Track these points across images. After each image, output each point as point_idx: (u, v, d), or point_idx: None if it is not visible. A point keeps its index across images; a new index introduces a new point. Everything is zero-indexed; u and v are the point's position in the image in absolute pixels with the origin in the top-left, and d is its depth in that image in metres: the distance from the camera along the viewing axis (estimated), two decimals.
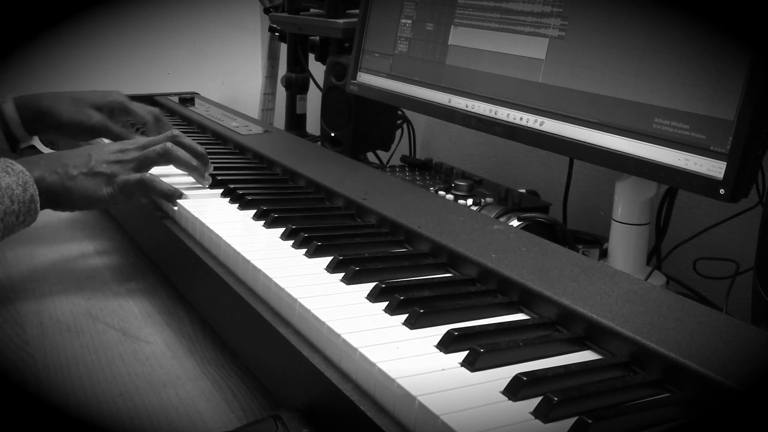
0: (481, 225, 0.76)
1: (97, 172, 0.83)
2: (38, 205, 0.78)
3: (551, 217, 0.91)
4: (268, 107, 1.95)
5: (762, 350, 0.52)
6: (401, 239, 0.76)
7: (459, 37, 1.00)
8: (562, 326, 0.59)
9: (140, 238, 1.00)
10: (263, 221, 0.80)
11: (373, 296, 0.62)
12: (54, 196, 0.81)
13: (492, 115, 0.93)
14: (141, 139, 0.91)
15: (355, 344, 0.53)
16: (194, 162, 0.90)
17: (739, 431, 0.44)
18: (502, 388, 0.49)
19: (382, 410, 0.50)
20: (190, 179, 0.93)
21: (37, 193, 0.77)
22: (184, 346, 0.75)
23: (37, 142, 1.06)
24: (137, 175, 0.85)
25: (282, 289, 0.63)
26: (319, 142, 1.34)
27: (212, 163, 0.94)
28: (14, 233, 0.77)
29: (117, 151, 0.87)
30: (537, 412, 0.46)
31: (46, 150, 1.31)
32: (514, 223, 0.88)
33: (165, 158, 0.88)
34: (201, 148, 0.92)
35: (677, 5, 0.73)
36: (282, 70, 1.64)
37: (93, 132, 1.04)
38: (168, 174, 0.92)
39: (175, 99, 1.46)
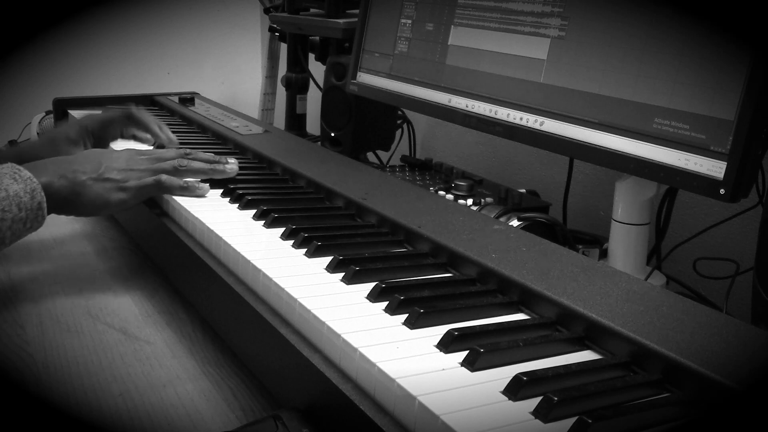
0: (481, 225, 0.76)
1: (107, 179, 0.84)
2: (45, 211, 0.78)
3: (551, 217, 0.91)
4: (268, 107, 1.95)
5: (762, 350, 0.52)
6: (401, 239, 0.76)
7: (459, 37, 1.00)
8: (562, 326, 0.58)
9: (140, 238, 1.00)
10: (263, 221, 0.80)
11: (373, 296, 0.62)
12: (61, 201, 0.81)
13: (492, 115, 0.93)
14: (154, 151, 0.92)
15: (355, 344, 0.53)
16: (208, 167, 0.91)
17: (739, 431, 0.44)
18: (502, 388, 0.49)
19: (382, 410, 0.50)
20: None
21: (45, 199, 0.77)
22: (184, 346, 0.75)
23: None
24: (152, 178, 0.86)
25: (282, 289, 0.63)
26: (319, 142, 1.34)
27: None
28: (21, 238, 0.77)
29: (128, 159, 0.87)
30: (537, 412, 0.46)
31: None
32: (514, 223, 0.88)
33: (178, 174, 0.89)
34: (211, 156, 0.94)
35: (677, 5, 0.73)
36: (282, 70, 1.64)
37: None
38: None
39: (175, 99, 1.46)
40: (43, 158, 0.91)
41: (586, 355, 0.56)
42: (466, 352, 0.52)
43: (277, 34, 1.68)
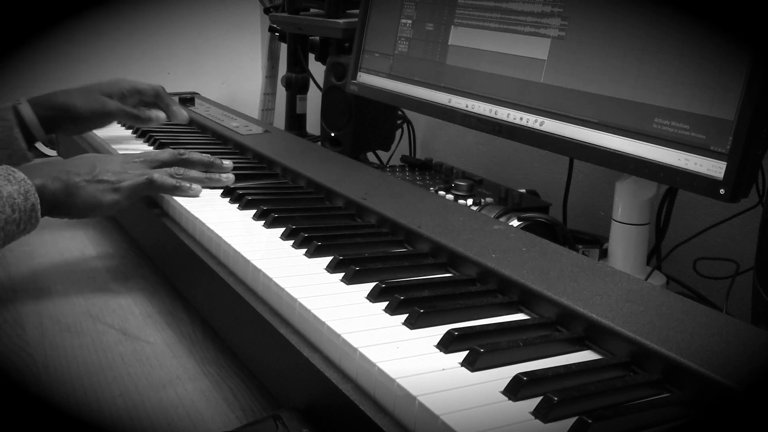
0: (481, 225, 0.76)
1: (100, 180, 0.84)
2: (39, 213, 0.78)
3: (551, 217, 0.91)
4: (268, 107, 1.95)
5: (762, 350, 0.52)
6: (401, 239, 0.76)
7: (459, 37, 1.00)
8: (562, 326, 0.59)
9: (140, 238, 1.00)
10: (263, 221, 0.81)
11: (373, 296, 0.62)
12: (55, 203, 0.80)
13: (492, 115, 0.93)
14: (148, 153, 0.93)
15: (355, 344, 0.53)
16: (204, 176, 0.92)
17: (739, 431, 0.44)
18: (502, 388, 0.49)
19: (382, 410, 0.50)
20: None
21: (39, 201, 0.77)
22: (184, 346, 0.75)
23: (38, 143, 1.06)
24: (144, 177, 0.86)
25: (282, 289, 0.63)
26: (319, 142, 1.34)
27: None
28: (14, 240, 0.77)
29: (123, 162, 0.88)
30: (537, 412, 0.46)
31: (47, 150, 1.31)
32: (514, 223, 0.88)
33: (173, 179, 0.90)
34: (206, 157, 0.94)
35: (677, 5, 0.73)
36: (282, 70, 1.64)
37: (110, 116, 1.09)
38: None
39: (175, 99, 1.45)
40: (75, 104, 1.05)
41: (586, 355, 0.56)
42: (466, 352, 0.52)
43: (277, 34, 1.67)
